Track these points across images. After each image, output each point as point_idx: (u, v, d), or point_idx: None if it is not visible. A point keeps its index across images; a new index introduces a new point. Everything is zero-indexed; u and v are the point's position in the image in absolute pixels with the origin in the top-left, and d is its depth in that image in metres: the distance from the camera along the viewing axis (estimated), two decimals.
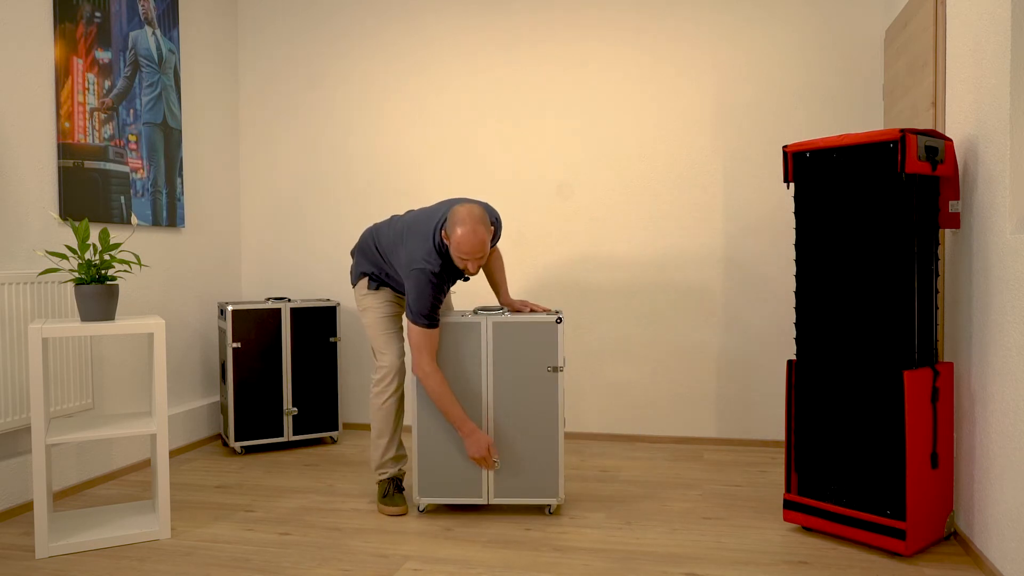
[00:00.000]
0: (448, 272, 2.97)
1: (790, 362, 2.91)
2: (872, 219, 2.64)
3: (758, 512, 3.09)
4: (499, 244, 3.29)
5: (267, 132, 4.66)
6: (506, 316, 3.02)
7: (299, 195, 4.63)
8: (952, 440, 2.74)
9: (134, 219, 3.08)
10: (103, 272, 2.80)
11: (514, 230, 4.35)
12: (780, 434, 4.09)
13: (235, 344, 3.99)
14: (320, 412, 4.21)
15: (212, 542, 2.81)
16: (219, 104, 4.50)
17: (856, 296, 2.69)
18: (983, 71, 2.56)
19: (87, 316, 2.79)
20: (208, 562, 2.63)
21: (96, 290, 2.77)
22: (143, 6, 3.83)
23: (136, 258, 3.18)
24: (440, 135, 4.44)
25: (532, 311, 3.09)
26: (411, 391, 3.11)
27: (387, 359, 3.15)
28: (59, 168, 3.34)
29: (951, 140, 2.72)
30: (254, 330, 4.03)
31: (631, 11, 4.18)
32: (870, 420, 2.66)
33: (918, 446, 2.59)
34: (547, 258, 4.31)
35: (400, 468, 3.21)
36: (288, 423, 4.13)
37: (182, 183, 4.11)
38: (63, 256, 2.76)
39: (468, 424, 2.95)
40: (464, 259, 2.84)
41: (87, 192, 3.48)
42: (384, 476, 3.19)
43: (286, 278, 4.67)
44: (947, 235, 2.92)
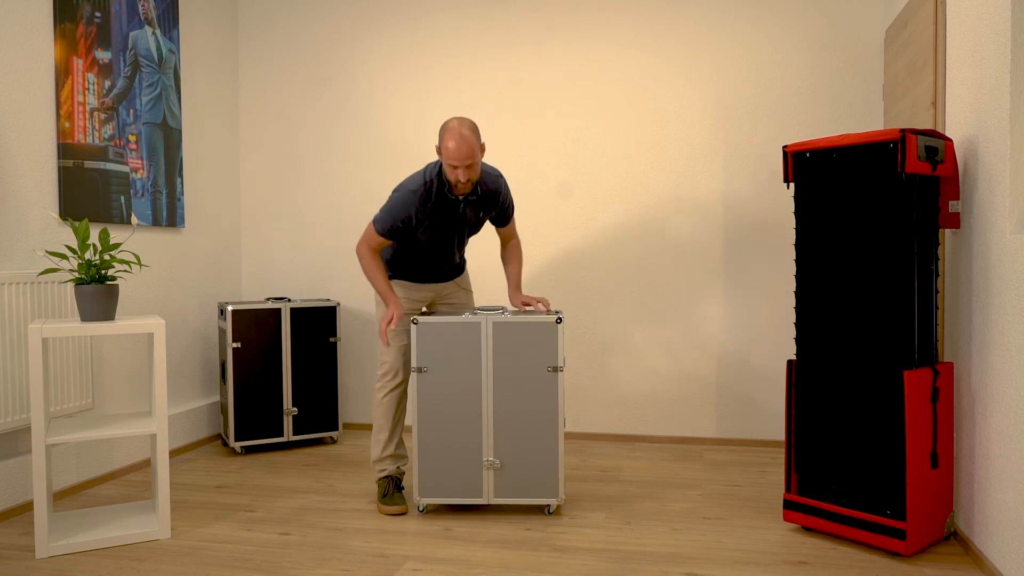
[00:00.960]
0: (438, 201, 3.01)
1: (790, 362, 2.91)
2: (872, 219, 2.64)
3: (758, 512, 3.09)
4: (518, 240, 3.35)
5: (267, 132, 4.66)
6: (505, 316, 3.02)
7: (299, 194, 4.63)
8: (952, 440, 2.74)
9: (134, 219, 3.08)
10: (103, 272, 2.80)
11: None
12: (780, 434, 4.09)
13: (235, 344, 3.99)
14: (320, 412, 4.21)
15: (212, 542, 2.81)
16: (219, 104, 4.50)
17: (856, 296, 2.69)
18: (983, 71, 2.56)
19: (87, 316, 2.79)
20: (208, 562, 2.63)
21: (96, 290, 2.77)
22: (143, 6, 3.83)
23: (136, 258, 3.18)
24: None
25: (535, 309, 3.09)
26: (412, 393, 3.09)
27: (391, 355, 3.16)
28: (59, 168, 3.34)
29: (951, 140, 2.72)
30: (254, 330, 4.03)
31: (631, 11, 4.18)
32: (870, 420, 2.66)
33: (918, 446, 2.59)
34: (546, 257, 4.31)
35: (399, 467, 3.21)
36: (288, 423, 4.13)
37: (182, 183, 4.11)
38: (63, 256, 2.76)
39: (391, 296, 3.05)
40: (454, 166, 2.88)
41: (87, 192, 3.48)
42: (383, 474, 3.20)
43: (286, 278, 4.67)
44: (947, 235, 2.92)
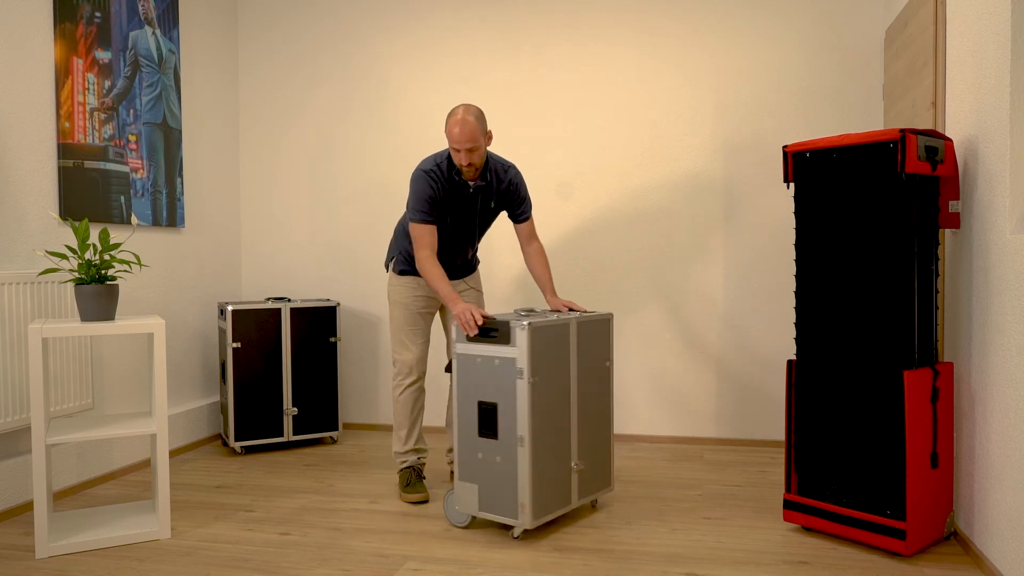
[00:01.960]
0: (450, 183, 3.07)
1: (790, 362, 2.91)
2: (872, 219, 2.64)
3: (758, 512, 3.09)
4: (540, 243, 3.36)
5: (267, 132, 4.66)
6: (576, 315, 2.96)
7: (299, 195, 4.63)
8: (952, 440, 2.73)
9: (134, 219, 3.08)
10: (103, 272, 2.80)
11: (512, 230, 4.35)
12: (780, 434, 4.09)
13: (235, 344, 3.99)
14: (320, 412, 4.21)
15: (212, 542, 2.81)
16: (219, 104, 4.50)
17: (856, 296, 2.69)
18: (983, 71, 2.56)
19: (87, 316, 2.79)
20: (208, 562, 2.63)
21: (96, 290, 2.77)
22: (143, 6, 3.83)
23: (136, 258, 3.18)
24: (440, 135, 4.44)
25: (572, 310, 3.08)
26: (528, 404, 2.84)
27: (406, 355, 3.22)
28: (59, 168, 3.34)
29: (951, 140, 2.71)
30: (254, 330, 4.03)
31: (631, 11, 4.18)
32: (870, 420, 2.66)
33: (918, 446, 2.58)
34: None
35: (420, 458, 3.32)
36: (288, 423, 4.13)
37: (182, 183, 4.11)
38: (63, 256, 2.76)
39: (453, 297, 2.96)
40: (456, 149, 2.96)
41: (87, 192, 3.48)
42: (404, 465, 3.30)
43: (286, 278, 4.67)
44: (947, 235, 2.92)
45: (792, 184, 3.96)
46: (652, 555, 2.66)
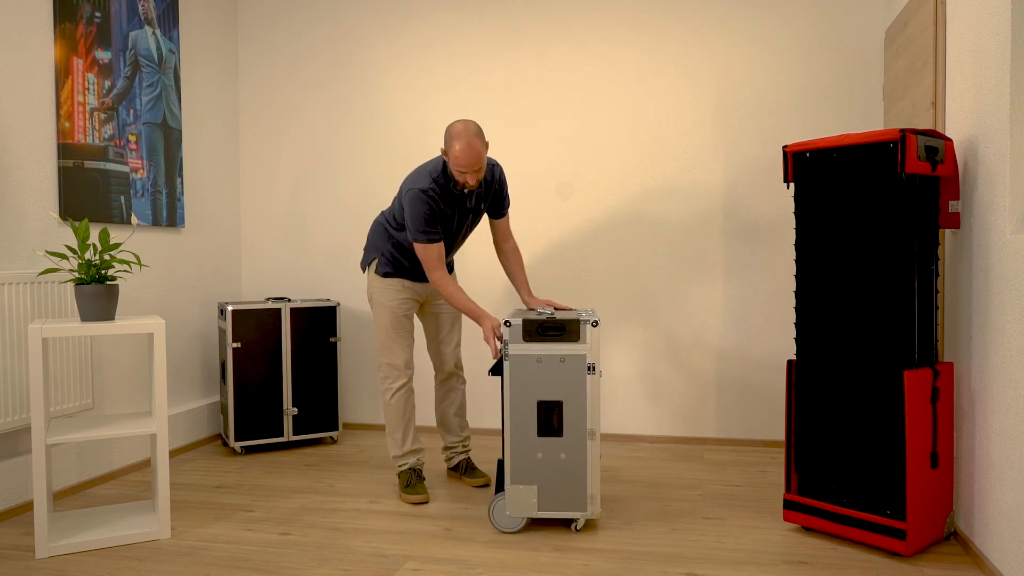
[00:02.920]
0: (447, 196, 3.06)
1: (790, 362, 2.91)
2: (872, 219, 2.64)
3: (758, 512, 3.09)
4: (515, 242, 3.36)
5: (267, 132, 4.66)
6: (590, 314, 2.95)
7: (299, 195, 4.63)
8: (952, 440, 2.74)
9: (134, 219, 3.08)
10: (103, 272, 2.80)
11: (512, 230, 4.35)
12: (780, 434, 4.09)
13: (235, 344, 3.99)
14: (320, 412, 4.21)
15: (212, 542, 2.81)
16: (219, 104, 4.50)
17: (856, 296, 2.69)
18: (983, 71, 2.56)
19: (87, 316, 2.79)
20: (208, 562, 2.63)
21: (96, 290, 2.77)
22: (143, 6, 3.83)
23: (136, 258, 3.18)
24: (440, 135, 4.44)
25: (556, 310, 3.08)
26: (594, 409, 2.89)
27: (395, 358, 3.21)
28: (59, 168, 3.33)
29: (951, 140, 2.71)
30: (254, 330, 4.03)
31: (631, 11, 4.18)
32: (870, 420, 2.66)
33: (918, 446, 2.58)
34: (545, 257, 4.31)
35: (419, 459, 3.31)
36: (288, 423, 4.13)
37: (182, 183, 4.11)
38: (63, 256, 2.76)
39: (479, 311, 3.00)
40: (462, 172, 2.94)
41: (87, 192, 3.48)
42: (404, 467, 3.30)
43: (286, 278, 4.67)
44: (947, 235, 2.92)
45: (792, 184, 3.96)
46: (652, 555, 2.66)
